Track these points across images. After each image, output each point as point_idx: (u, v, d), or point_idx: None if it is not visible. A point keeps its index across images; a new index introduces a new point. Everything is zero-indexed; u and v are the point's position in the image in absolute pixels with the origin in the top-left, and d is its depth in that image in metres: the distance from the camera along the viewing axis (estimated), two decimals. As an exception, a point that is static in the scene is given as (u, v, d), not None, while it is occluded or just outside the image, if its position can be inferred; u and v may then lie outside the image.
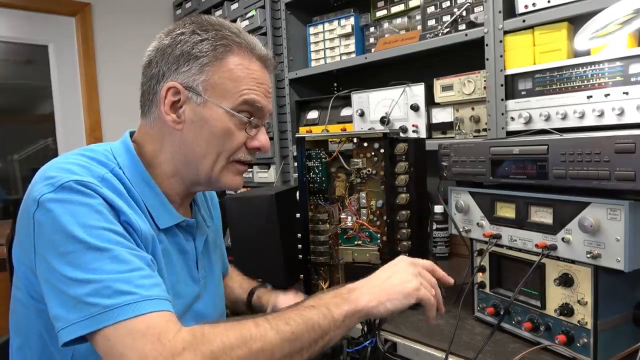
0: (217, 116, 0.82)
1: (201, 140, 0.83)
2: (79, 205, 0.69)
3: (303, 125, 2.11)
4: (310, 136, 1.26)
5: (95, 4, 2.83)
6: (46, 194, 0.69)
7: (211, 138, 0.83)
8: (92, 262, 0.66)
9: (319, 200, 1.25)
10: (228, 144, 0.84)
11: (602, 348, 0.83)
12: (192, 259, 0.92)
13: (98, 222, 0.69)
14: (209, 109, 0.82)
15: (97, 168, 0.77)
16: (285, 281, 1.39)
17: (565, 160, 0.85)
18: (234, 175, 0.88)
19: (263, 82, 0.86)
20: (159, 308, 0.67)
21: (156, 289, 0.69)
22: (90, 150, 0.81)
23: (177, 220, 0.87)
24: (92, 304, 0.64)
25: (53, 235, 0.67)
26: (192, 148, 0.84)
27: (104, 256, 0.67)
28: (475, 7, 1.48)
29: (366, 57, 1.81)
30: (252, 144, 0.87)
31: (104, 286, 0.65)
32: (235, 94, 0.83)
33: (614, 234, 0.78)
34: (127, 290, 0.65)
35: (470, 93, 1.46)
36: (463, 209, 1.08)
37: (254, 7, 2.24)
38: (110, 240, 0.69)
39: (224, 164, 0.85)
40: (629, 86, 1.09)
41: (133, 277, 0.67)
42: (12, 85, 2.69)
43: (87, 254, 0.66)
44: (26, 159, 2.71)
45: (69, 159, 0.76)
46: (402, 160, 1.14)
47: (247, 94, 0.83)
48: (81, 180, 0.70)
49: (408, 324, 1.08)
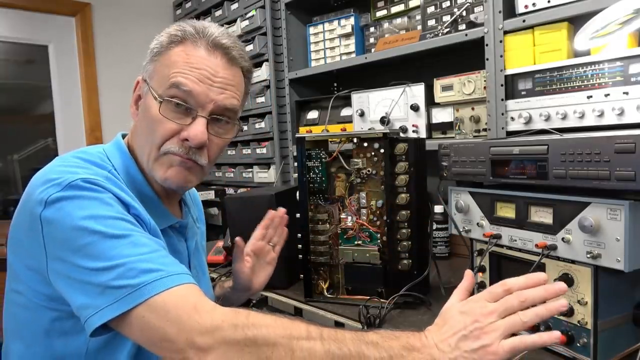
0: (151, 103, 0.80)
1: (141, 130, 0.83)
2: (89, 199, 0.69)
3: (303, 125, 2.11)
4: (310, 136, 1.26)
5: (95, 4, 2.83)
6: (54, 194, 0.68)
7: (145, 126, 0.82)
8: (111, 249, 0.65)
9: (319, 200, 1.25)
10: (157, 132, 0.80)
11: (602, 348, 0.83)
12: (184, 259, 0.92)
13: (110, 213, 0.69)
14: (149, 98, 0.81)
15: (98, 169, 0.77)
16: (285, 281, 1.39)
17: (565, 160, 0.85)
18: (167, 167, 0.81)
19: (200, 67, 0.79)
20: (186, 281, 0.66)
21: (179, 267, 0.68)
22: (84, 153, 0.80)
23: (172, 221, 0.87)
24: (120, 286, 0.63)
25: (67, 232, 0.67)
26: (138, 139, 0.84)
27: (121, 242, 0.66)
28: (475, 7, 1.48)
29: (366, 57, 1.81)
30: (182, 134, 0.80)
31: (128, 269, 0.64)
32: (165, 79, 0.79)
33: (614, 234, 0.78)
34: (152, 268, 0.65)
35: (470, 93, 1.46)
36: (463, 209, 1.08)
37: (254, 7, 2.24)
38: (125, 227, 0.69)
39: (155, 154, 0.81)
40: (629, 86, 1.09)
41: (155, 257, 0.67)
42: (12, 85, 2.69)
43: (105, 242, 0.66)
44: (26, 159, 2.71)
45: (67, 162, 0.76)
46: (402, 160, 1.14)
47: (174, 77, 0.78)
48: (88, 178, 0.70)
49: (408, 324, 1.08)
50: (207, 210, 2.69)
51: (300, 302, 1.28)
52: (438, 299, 1.21)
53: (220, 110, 0.83)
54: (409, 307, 1.17)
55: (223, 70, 0.82)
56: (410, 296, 1.15)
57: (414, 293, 1.14)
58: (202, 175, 0.86)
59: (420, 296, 1.15)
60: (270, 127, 2.23)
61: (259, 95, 2.28)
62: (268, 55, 2.21)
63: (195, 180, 0.86)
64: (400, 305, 1.16)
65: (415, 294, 1.15)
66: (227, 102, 0.83)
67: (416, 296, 1.15)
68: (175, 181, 0.82)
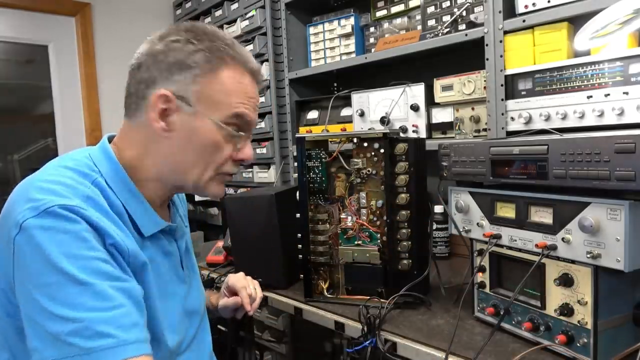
0: (207, 128, 0.82)
1: (190, 150, 0.83)
2: (63, 233, 0.67)
3: (303, 125, 2.11)
4: (310, 136, 1.26)
5: (95, 4, 2.83)
6: (29, 219, 0.67)
7: (200, 149, 0.83)
8: (74, 296, 0.65)
9: (319, 200, 1.25)
10: (217, 156, 0.84)
11: (602, 348, 0.83)
12: (176, 260, 0.93)
13: (82, 251, 0.68)
14: (200, 120, 0.82)
15: (81, 185, 0.75)
16: (285, 281, 1.39)
17: (565, 160, 0.85)
18: (219, 184, 0.89)
19: (253, 97, 0.87)
20: (138, 353, 0.66)
21: (135, 330, 0.68)
22: (71, 160, 0.80)
23: (161, 226, 0.87)
24: (71, 344, 0.63)
25: (35, 264, 0.66)
26: (180, 157, 0.84)
27: (87, 291, 0.65)
28: (475, 7, 1.48)
29: (366, 57, 1.81)
30: (238, 155, 0.87)
31: (85, 326, 0.64)
32: (226, 107, 0.83)
33: (614, 234, 0.78)
34: (107, 332, 0.64)
35: (470, 93, 1.46)
36: (463, 209, 1.08)
37: (254, 7, 2.24)
38: (94, 271, 0.67)
39: (211, 174, 0.85)
40: (629, 86, 1.09)
41: (115, 317, 0.66)
42: (12, 85, 2.69)
43: (70, 287, 0.65)
44: (26, 159, 2.71)
45: (52, 175, 0.75)
46: (402, 160, 1.14)
47: (238, 108, 0.84)
48: (66, 205, 0.69)
49: (408, 323, 1.08)
50: (207, 210, 2.70)
51: (300, 302, 1.28)
52: (438, 299, 1.21)
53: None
54: (409, 307, 1.17)
55: (257, 94, 0.91)
56: (410, 296, 1.15)
57: (414, 293, 1.14)
58: None
59: (420, 296, 1.16)
60: (270, 127, 2.23)
61: (259, 95, 2.28)
62: (268, 55, 2.21)
63: None
64: (400, 305, 1.16)
65: (415, 294, 1.15)
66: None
67: (416, 296, 1.15)
68: (222, 195, 0.91)
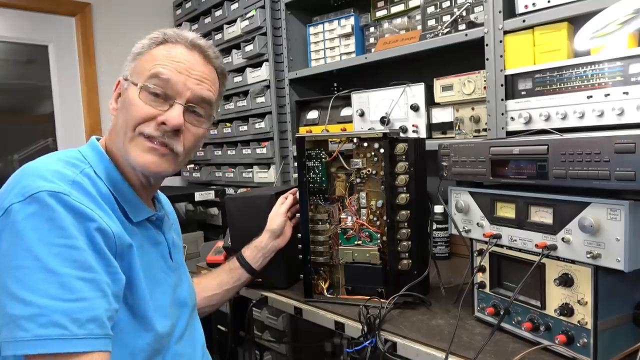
0: (131, 92, 0.87)
1: (119, 120, 0.88)
2: (45, 220, 0.69)
3: (303, 125, 2.11)
4: (310, 136, 1.26)
5: (95, 4, 2.83)
6: (14, 204, 0.69)
7: (123, 114, 0.87)
8: (40, 283, 0.66)
9: (319, 200, 1.25)
10: (134, 113, 0.85)
11: (602, 348, 0.83)
12: (165, 249, 0.96)
13: (59, 239, 0.69)
14: (129, 90, 0.87)
15: (69, 170, 0.78)
16: (285, 281, 1.39)
17: (565, 160, 0.85)
18: (141, 151, 0.85)
19: (179, 61, 0.87)
20: (88, 349, 0.67)
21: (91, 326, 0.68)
22: (62, 154, 0.84)
23: (149, 213, 0.91)
24: (25, 328, 0.64)
25: (11, 247, 0.68)
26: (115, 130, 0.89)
27: (53, 279, 0.67)
28: (475, 7, 1.48)
29: (366, 57, 1.81)
30: (159, 118, 0.85)
31: (41, 313, 0.65)
32: (146, 71, 0.87)
33: (614, 234, 0.78)
34: (62, 323, 0.65)
35: (470, 93, 1.46)
36: (463, 209, 1.08)
37: (254, 7, 2.24)
38: (66, 259, 0.68)
39: (130, 135, 0.85)
40: (629, 86, 1.09)
41: (72, 309, 0.67)
42: (12, 85, 2.69)
43: (38, 273, 0.66)
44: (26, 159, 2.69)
45: (42, 163, 0.78)
46: (402, 160, 1.14)
47: (155, 68, 0.86)
48: (50, 190, 0.71)
49: (408, 324, 1.08)
50: (207, 210, 2.69)
51: (300, 302, 1.28)
52: (438, 299, 1.21)
53: (196, 100, 0.89)
54: (409, 307, 1.17)
55: (200, 66, 0.90)
56: (410, 296, 1.15)
57: (414, 293, 1.14)
58: (176, 164, 0.90)
59: (420, 296, 1.16)
60: (270, 127, 2.23)
61: (259, 95, 2.28)
62: (268, 55, 2.21)
63: (169, 169, 0.89)
64: (400, 305, 1.16)
65: (415, 294, 1.15)
66: (204, 92, 0.90)
67: (416, 296, 1.15)
68: (149, 165, 0.85)
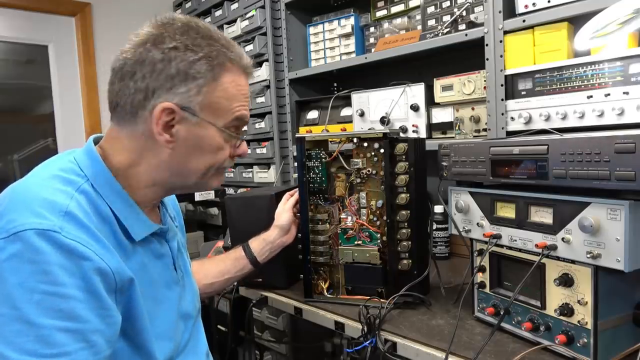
0: (211, 134, 0.84)
1: (194, 156, 0.84)
2: (28, 263, 0.64)
3: (303, 125, 2.11)
4: (310, 136, 1.26)
5: (95, 4, 2.83)
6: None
7: (204, 154, 0.85)
8: (15, 335, 0.62)
9: (319, 200, 1.25)
10: (219, 157, 0.87)
11: (602, 348, 0.83)
12: (169, 261, 0.91)
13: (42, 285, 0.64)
14: (204, 128, 0.82)
15: (62, 195, 0.72)
16: (285, 281, 1.39)
17: (565, 160, 0.85)
18: (219, 178, 0.93)
19: (247, 95, 0.89)
20: None
21: None
22: (56, 167, 0.78)
23: (152, 229, 0.85)
24: None
25: None
26: (184, 163, 0.84)
27: (30, 332, 0.62)
28: (475, 7, 1.48)
29: (366, 57, 1.81)
30: (236, 152, 0.91)
31: None
32: (228, 113, 0.85)
33: (614, 234, 0.78)
34: None
35: (470, 93, 1.46)
36: (463, 209, 1.08)
37: (254, 7, 2.23)
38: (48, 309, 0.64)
39: (214, 173, 0.89)
40: (629, 86, 1.09)
41: None
42: (12, 85, 2.69)
43: (15, 324, 0.62)
44: (26, 159, 2.71)
45: (34, 185, 0.74)
46: (402, 160, 1.14)
47: (239, 111, 0.86)
48: (38, 229, 0.66)
49: (408, 324, 1.08)
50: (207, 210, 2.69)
51: (300, 302, 1.28)
52: (438, 299, 1.21)
53: None
54: (409, 307, 1.17)
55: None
56: (410, 296, 1.15)
57: (414, 293, 1.14)
58: None
59: (420, 296, 1.16)
60: (270, 127, 2.23)
61: (259, 95, 2.28)
62: (268, 55, 2.20)
63: None
64: (400, 305, 1.16)
65: (415, 294, 1.15)
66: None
67: (416, 296, 1.15)
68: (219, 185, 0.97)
